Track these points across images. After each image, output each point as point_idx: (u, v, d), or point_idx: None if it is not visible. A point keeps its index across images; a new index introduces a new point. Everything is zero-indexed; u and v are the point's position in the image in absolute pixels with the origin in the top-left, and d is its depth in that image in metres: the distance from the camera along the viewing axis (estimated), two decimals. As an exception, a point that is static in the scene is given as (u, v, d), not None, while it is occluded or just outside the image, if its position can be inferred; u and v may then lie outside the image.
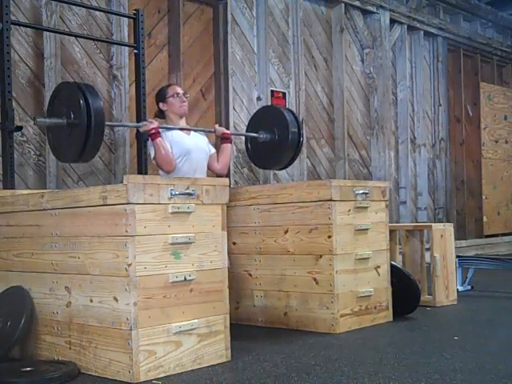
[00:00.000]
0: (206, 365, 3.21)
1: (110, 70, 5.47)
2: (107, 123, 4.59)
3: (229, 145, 4.74)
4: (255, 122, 5.25)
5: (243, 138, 6.51)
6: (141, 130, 4.55)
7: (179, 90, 4.54)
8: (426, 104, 8.83)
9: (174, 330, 3.10)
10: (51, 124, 4.14)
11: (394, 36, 8.26)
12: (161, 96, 4.54)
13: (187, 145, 4.42)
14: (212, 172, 4.73)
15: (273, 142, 5.05)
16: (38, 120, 4.13)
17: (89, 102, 3.93)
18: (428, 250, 5.12)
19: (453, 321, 4.53)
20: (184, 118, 4.57)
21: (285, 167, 5.54)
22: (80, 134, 3.94)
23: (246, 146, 5.32)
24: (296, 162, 6.92)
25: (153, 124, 4.34)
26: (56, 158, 4.47)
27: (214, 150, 4.65)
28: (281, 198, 4.27)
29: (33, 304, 3.39)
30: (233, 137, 5.11)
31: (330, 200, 4.06)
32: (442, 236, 5.05)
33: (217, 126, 4.96)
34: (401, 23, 8.33)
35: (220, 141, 4.85)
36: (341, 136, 7.50)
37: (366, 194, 4.27)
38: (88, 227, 3.15)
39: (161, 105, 4.52)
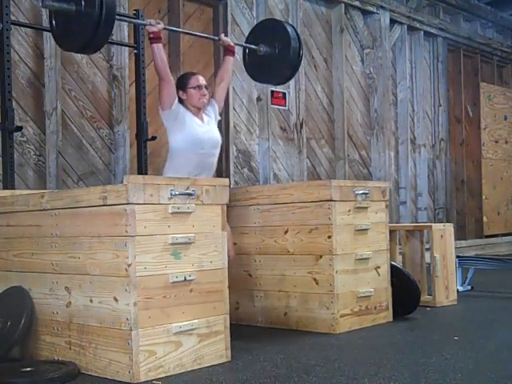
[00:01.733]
0: (206, 365, 3.21)
1: (109, 70, 5.47)
2: (117, 17, 4.27)
3: (231, 58, 4.57)
4: (255, 35, 5.02)
5: (243, 137, 6.52)
6: (146, 28, 4.27)
7: (202, 82, 4.24)
8: (426, 104, 8.84)
9: (174, 330, 3.10)
10: (59, 8, 3.85)
11: (393, 36, 8.26)
12: (182, 84, 4.24)
13: (201, 136, 4.15)
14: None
15: (272, 55, 4.83)
16: (46, 2, 3.85)
17: None
18: (428, 250, 5.12)
19: (453, 321, 4.53)
20: (202, 109, 4.29)
21: (281, 83, 5.41)
22: (89, 24, 3.73)
23: (244, 58, 5.07)
24: (296, 161, 6.97)
25: (155, 27, 4.12)
26: (59, 45, 4.23)
27: (219, 118, 4.46)
28: (281, 198, 4.27)
29: (33, 304, 3.39)
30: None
31: (330, 200, 4.06)
32: (441, 236, 5.05)
33: (222, 35, 4.76)
34: (401, 23, 8.33)
35: (223, 52, 4.67)
36: (341, 136, 7.50)
37: (366, 194, 4.27)
38: (88, 227, 3.15)
39: (180, 93, 4.20)
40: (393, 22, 8.17)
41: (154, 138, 5.24)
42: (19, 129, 4.50)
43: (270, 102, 6.70)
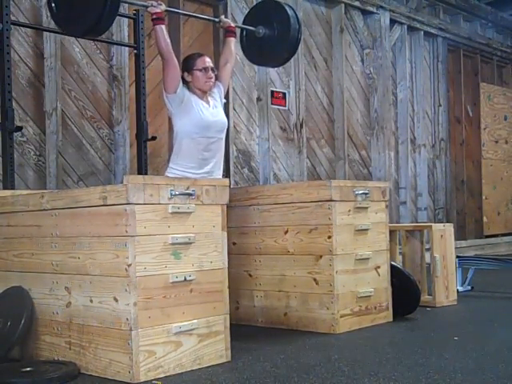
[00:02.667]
0: (205, 365, 3.21)
1: (109, 70, 5.47)
2: None
3: (233, 39, 4.49)
4: (253, 16, 4.91)
5: (243, 137, 6.52)
6: (147, 10, 4.16)
7: (208, 64, 4.16)
8: (426, 104, 8.84)
9: (174, 331, 3.10)
10: None
11: (393, 36, 8.26)
12: (187, 65, 4.17)
13: (208, 119, 4.12)
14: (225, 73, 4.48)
15: (271, 37, 4.72)
16: None
17: None
18: (428, 250, 5.12)
19: (453, 321, 4.53)
20: (207, 92, 4.22)
21: (279, 65, 5.38)
22: (96, 5, 3.61)
23: (242, 40, 4.90)
24: (296, 161, 6.97)
25: (157, 8, 4.06)
26: (62, 29, 4.10)
27: (224, 101, 4.43)
28: (281, 198, 4.27)
29: (33, 304, 3.39)
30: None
31: (330, 200, 4.06)
32: (441, 236, 5.05)
33: (223, 16, 4.70)
34: (401, 23, 8.33)
35: (224, 34, 4.60)
36: (341, 136, 7.50)
37: (366, 194, 4.27)
38: (88, 227, 3.15)
39: (185, 74, 4.13)
40: (393, 22, 8.17)
41: (154, 138, 5.24)
42: (19, 129, 4.50)
43: (269, 102, 6.70)
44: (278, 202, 4.28)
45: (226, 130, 4.29)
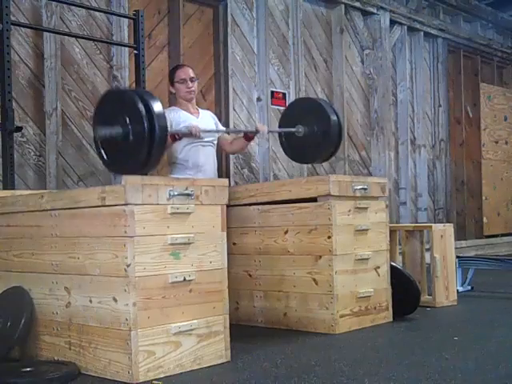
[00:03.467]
0: (205, 365, 3.21)
1: (110, 70, 5.47)
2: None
3: (247, 143, 4.74)
4: (290, 116, 4.89)
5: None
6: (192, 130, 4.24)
7: (186, 75, 4.57)
8: (426, 105, 8.83)
9: (174, 331, 3.10)
10: (113, 136, 3.47)
11: (394, 37, 8.26)
12: (170, 78, 4.65)
13: (194, 123, 4.43)
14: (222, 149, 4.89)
15: (313, 134, 4.67)
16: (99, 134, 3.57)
17: (151, 110, 3.35)
18: (428, 250, 5.12)
19: (453, 321, 4.53)
20: (194, 101, 4.65)
21: (326, 160, 5.25)
22: (142, 147, 3.37)
23: (281, 140, 4.96)
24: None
25: (191, 133, 4.19)
26: (113, 171, 4.00)
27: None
28: (280, 195, 4.26)
29: (33, 304, 3.39)
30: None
31: (329, 195, 4.05)
32: (441, 236, 5.05)
33: (260, 126, 4.76)
34: (401, 24, 8.33)
35: (245, 134, 4.76)
36: (341, 137, 7.49)
37: (365, 189, 4.26)
38: (87, 228, 3.15)
39: (170, 88, 4.65)
40: (393, 22, 8.17)
41: (154, 139, 5.23)
42: (19, 129, 4.50)
43: (269, 102, 6.69)
44: (276, 198, 4.28)
45: (215, 137, 4.62)
